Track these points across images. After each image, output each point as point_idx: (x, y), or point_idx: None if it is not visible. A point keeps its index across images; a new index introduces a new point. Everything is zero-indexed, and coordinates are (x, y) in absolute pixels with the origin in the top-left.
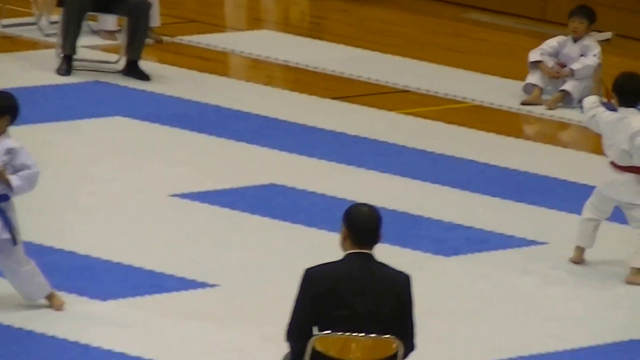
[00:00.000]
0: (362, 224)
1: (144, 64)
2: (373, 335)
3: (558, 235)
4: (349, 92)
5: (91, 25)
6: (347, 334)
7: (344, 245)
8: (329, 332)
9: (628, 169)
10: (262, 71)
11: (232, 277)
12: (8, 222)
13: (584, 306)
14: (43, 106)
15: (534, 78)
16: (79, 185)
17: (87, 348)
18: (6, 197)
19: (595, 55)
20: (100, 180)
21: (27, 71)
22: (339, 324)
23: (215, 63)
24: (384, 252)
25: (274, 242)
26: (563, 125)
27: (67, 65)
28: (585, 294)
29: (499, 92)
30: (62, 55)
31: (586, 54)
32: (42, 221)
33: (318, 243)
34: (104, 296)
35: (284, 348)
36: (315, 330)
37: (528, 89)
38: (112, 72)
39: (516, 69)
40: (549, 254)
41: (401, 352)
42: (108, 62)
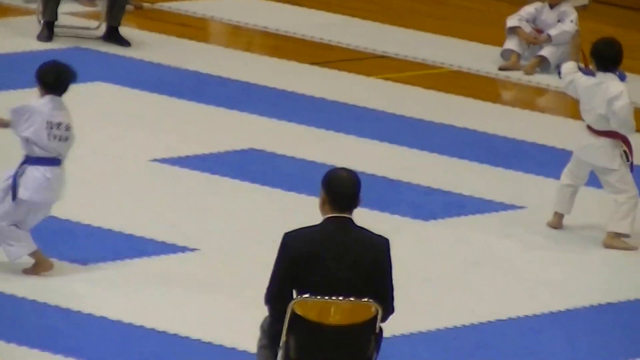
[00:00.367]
0: (340, 188)
1: (124, 30)
2: (352, 299)
3: (536, 200)
4: (328, 58)
5: None
6: (326, 297)
7: (322, 209)
8: (308, 296)
9: (604, 133)
10: (242, 37)
11: (212, 241)
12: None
13: (562, 270)
14: (24, 72)
15: (511, 44)
16: None
17: (68, 312)
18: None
19: (572, 21)
20: (80, 145)
21: (8, 37)
22: (318, 287)
23: (195, 29)
24: (363, 217)
25: (254, 206)
26: (540, 91)
27: (48, 31)
28: (563, 258)
29: (476, 57)
30: (43, 22)
31: (563, 20)
32: None
33: (297, 207)
34: (84, 260)
35: (263, 311)
36: (294, 294)
37: (506, 54)
38: (92, 39)
39: (494, 35)
40: (527, 218)
41: (380, 316)
42: (88, 28)
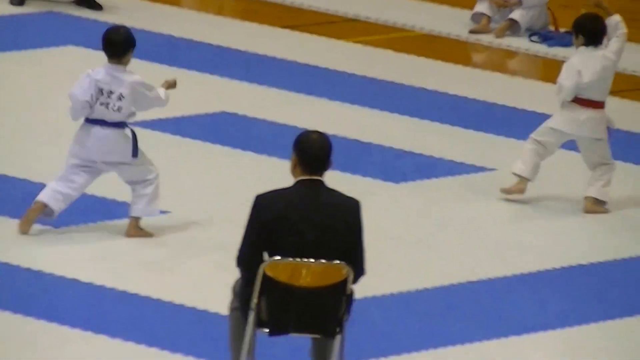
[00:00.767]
0: (312, 150)
1: None
2: (323, 261)
3: (506, 162)
4: (299, 21)
5: None
6: (297, 259)
7: (294, 172)
8: (279, 258)
9: (593, 104)
10: (214, 1)
11: (183, 203)
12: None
13: (533, 232)
14: None
15: (482, 7)
16: (32, 113)
17: (40, 274)
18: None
19: None
20: (52, 109)
21: None
22: (289, 249)
23: None
24: (334, 179)
25: (225, 169)
26: (510, 54)
27: None
28: (534, 220)
29: (447, 20)
30: None
31: None
32: None
33: (268, 170)
34: (55, 223)
35: (235, 274)
36: (266, 256)
37: (476, 17)
38: (64, 3)
39: None
40: (497, 180)
41: (351, 277)
42: None
